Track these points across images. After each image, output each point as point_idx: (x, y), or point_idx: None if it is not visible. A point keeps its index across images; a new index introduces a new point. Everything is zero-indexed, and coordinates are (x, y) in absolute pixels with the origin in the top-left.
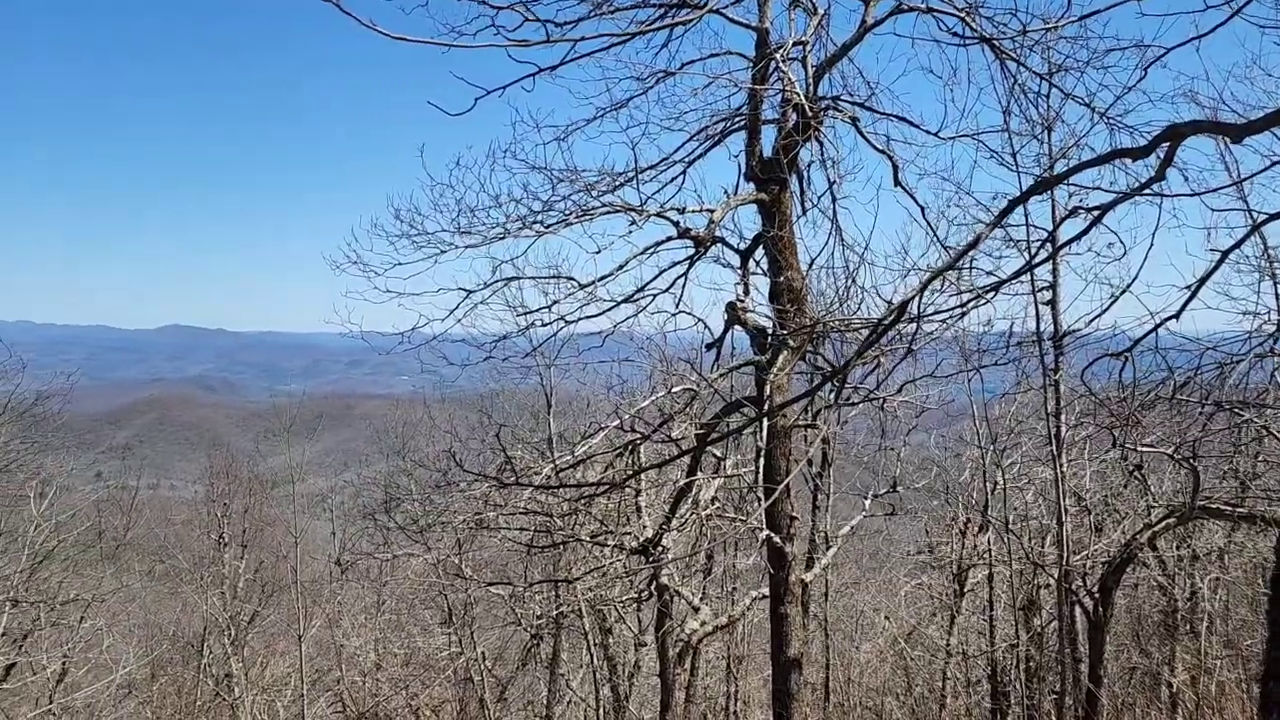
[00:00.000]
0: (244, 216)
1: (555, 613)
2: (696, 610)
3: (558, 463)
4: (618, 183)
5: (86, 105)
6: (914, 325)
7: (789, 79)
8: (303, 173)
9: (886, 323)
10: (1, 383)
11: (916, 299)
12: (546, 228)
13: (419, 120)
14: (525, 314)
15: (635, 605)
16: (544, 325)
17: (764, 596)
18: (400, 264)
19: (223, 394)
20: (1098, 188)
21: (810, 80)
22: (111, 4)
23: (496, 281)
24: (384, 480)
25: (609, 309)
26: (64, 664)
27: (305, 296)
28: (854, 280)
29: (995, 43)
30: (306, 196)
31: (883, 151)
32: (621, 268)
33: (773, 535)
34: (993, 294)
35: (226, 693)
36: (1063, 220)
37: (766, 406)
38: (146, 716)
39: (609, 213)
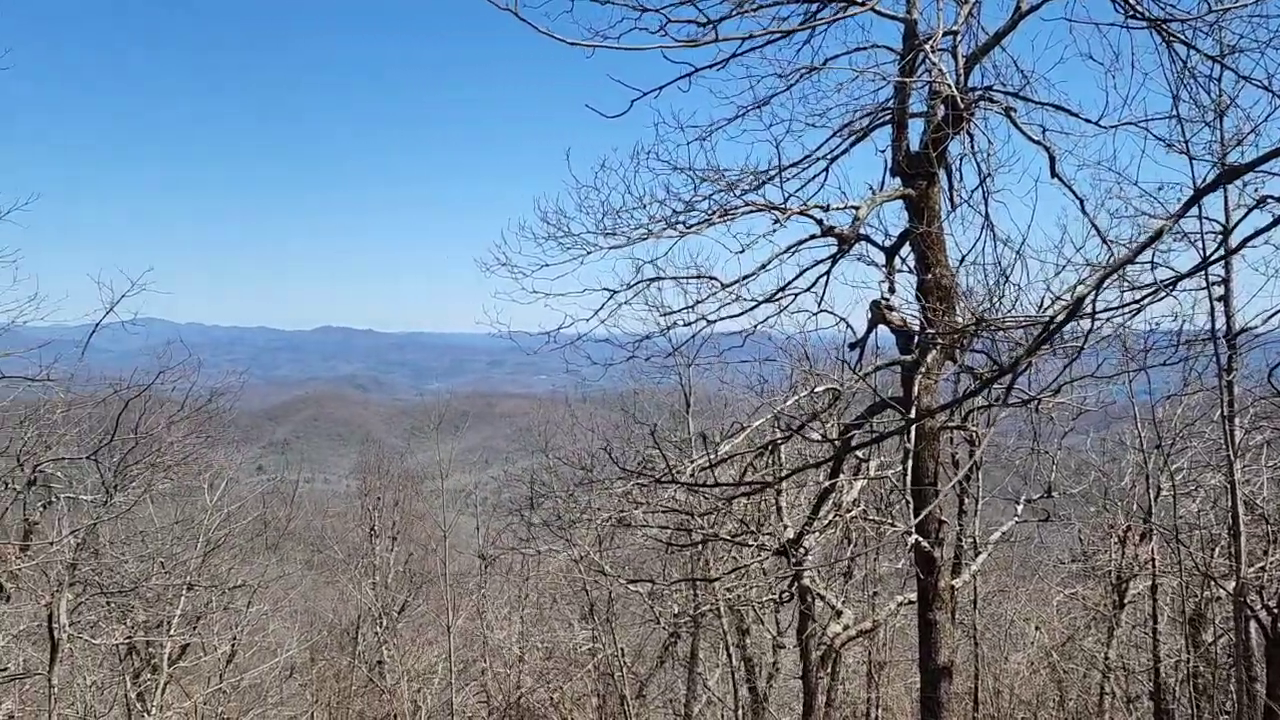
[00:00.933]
0: (392, 222)
1: (694, 611)
2: (839, 614)
3: (699, 462)
4: (760, 181)
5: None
6: (1087, 323)
7: (938, 70)
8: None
9: (1059, 320)
10: (181, 381)
11: (1091, 295)
12: (689, 228)
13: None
14: (667, 314)
15: (774, 606)
16: (685, 325)
17: (910, 602)
18: (547, 265)
19: (372, 392)
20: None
21: (961, 71)
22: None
23: (639, 282)
24: (527, 477)
25: (750, 308)
26: (233, 646)
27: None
28: (1007, 277)
29: (1163, 25)
30: (450, 200)
31: (1038, 142)
32: (763, 267)
33: (921, 540)
34: (1169, 290)
35: (379, 679)
36: (1249, 212)
37: (915, 408)
38: (306, 699)
39: (751, 212)
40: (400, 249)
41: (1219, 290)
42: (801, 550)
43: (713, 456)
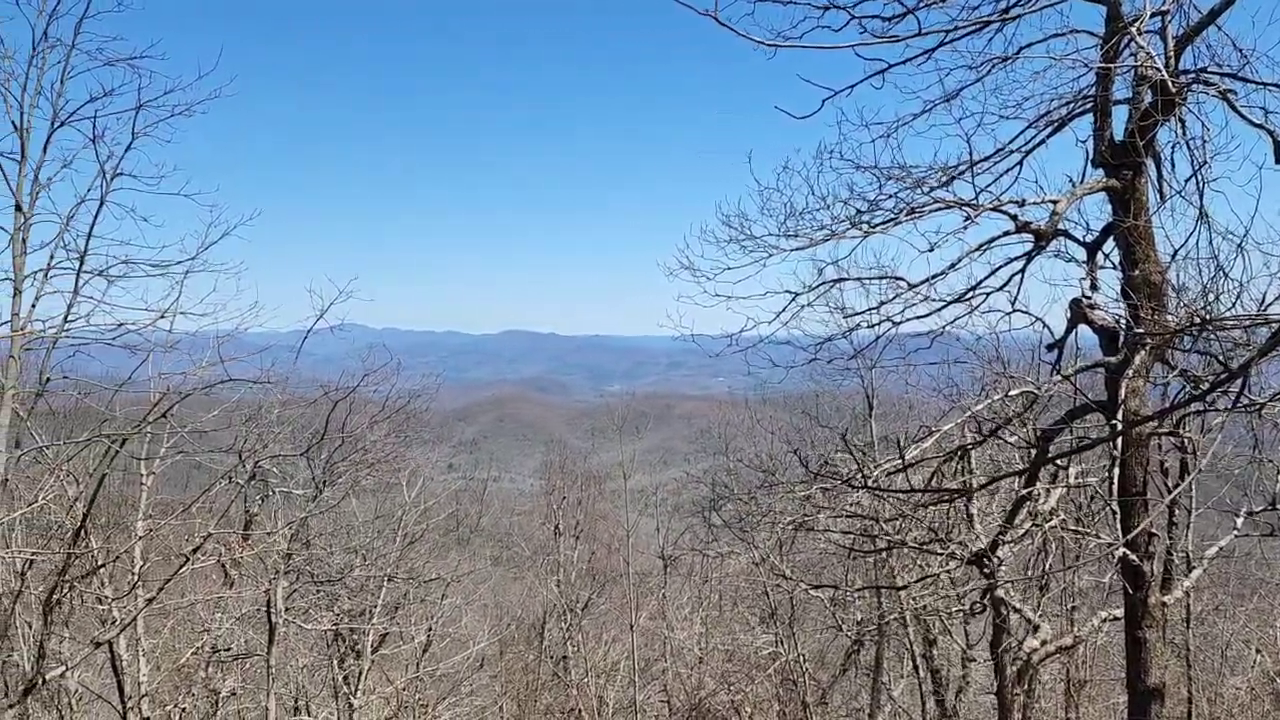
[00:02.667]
0: (575, 228)
1: (879, 620)
2: (1036, 628)
3: (885, 466)
4: (949, 176)
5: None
6: None
7: (1145, 54)
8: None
9: None
10: (382, 384)
11: None
12: (873, 227)
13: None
14: (850, 315)
15: (964, 618)
16: (869, 327)
17: (1115, 618)
18: (729, 268)
19: (554, 394)
20: None
21: (1171, 53)
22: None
23: (822, 283)
24: (707, 478)
25: (939, 309)
26: (429, 636)
27: (629, 302)
28: (1225, 272)
29: None
30: (631, 205)
31: (1260, 126)
32: (953, 266)
33: (1129, 553)
34: None
35: (563, 673)
36: None
37: (1123, 413)
38: (495, 690)
39: (940, 209)
40: (582, 253)
41: None
42: (995, 560)
43: (900, 461)
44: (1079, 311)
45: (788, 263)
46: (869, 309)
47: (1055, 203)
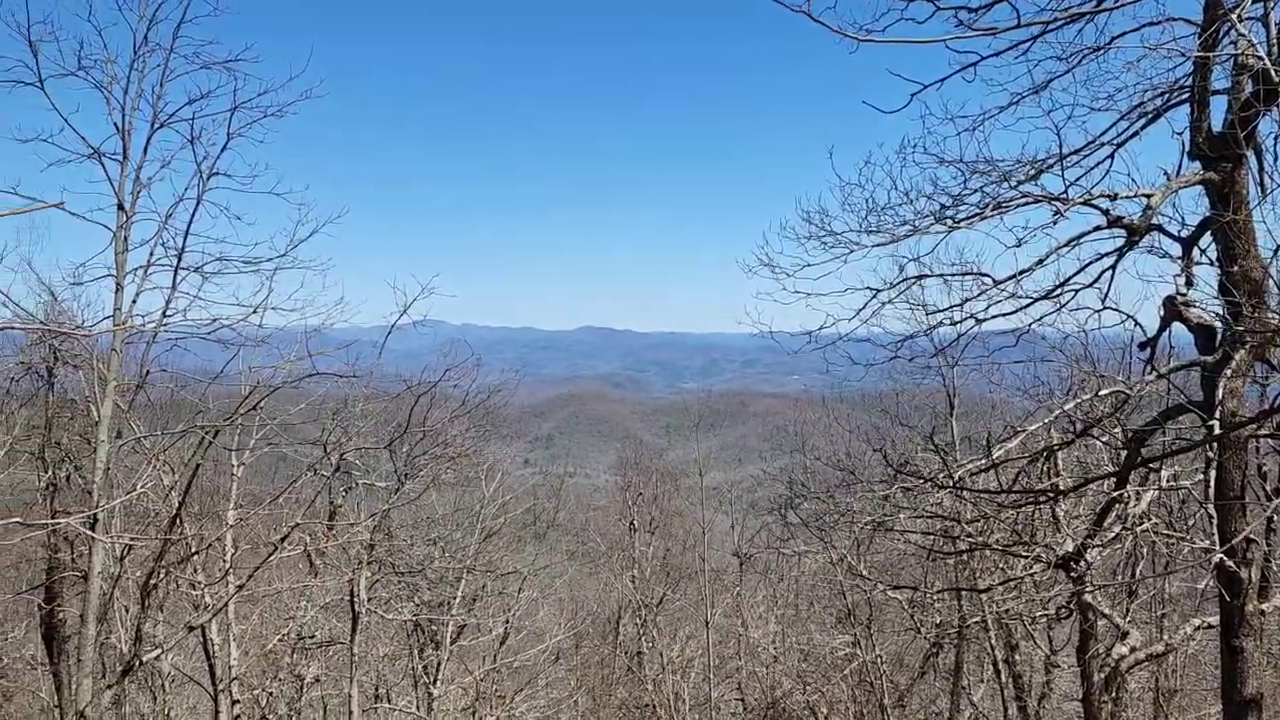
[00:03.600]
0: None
1: (959, 623)
2: (1125, 634)
3: (968, 466)
4: (1037, 170)
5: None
6: None
7: (1246, 42)
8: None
9: None
10: (464, 379)
11: None
12: (958, 222)
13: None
14: (932, 313)
15: (1047, 622)
16: (952, 324)
17: (1209, 626)
18: (808, 265)
19: (629, 390)
20: None
21: (1274, 41)
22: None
23: (903, 280)
24: (784, 476)
25: (1025, 306)
26: (506, 629)
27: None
28: None
29: None
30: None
31: None
32: (1040, 262)
33: (1226, 559)
34: None
35: (638, 669)
36: None
37: (1219, 414)
38: (570, 684)
39: (1027, 203)
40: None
41: None
42: (1084, 564)
43: (985, 461)
44: (1173, 309)
45: (868, 259)
46: (952, 306)
47: (1149, 196)
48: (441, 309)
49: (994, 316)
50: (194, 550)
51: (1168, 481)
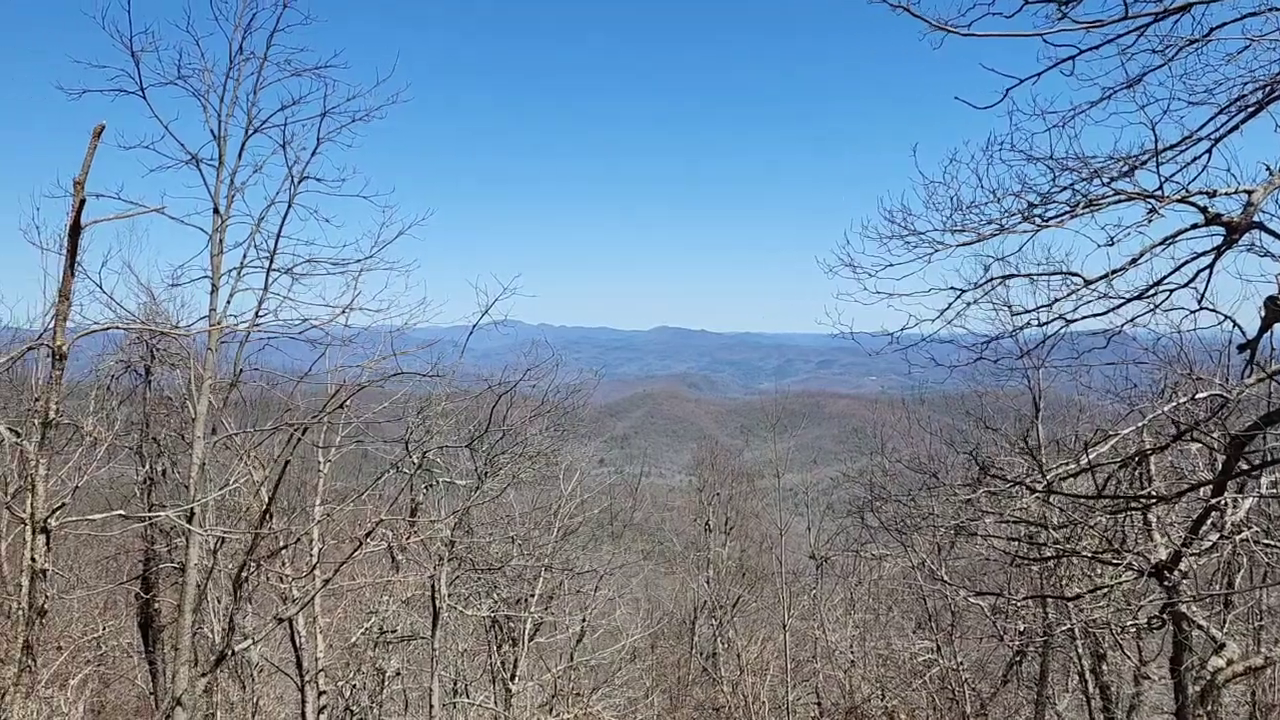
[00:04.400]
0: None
1: (1044, 631)
2: (1221, 646)
3: (1057, 471)
4: (1130, 166)
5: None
6: None
7: None
8: (781, 180)
9: None
10: (544, 379)
11: None
12: (1046, 221)
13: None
14: (1019, 314)
15: (1137, 632)
16: (1039, 325)
17: None
18: (890, 265)
19: (704, 390)
20: None
21: None
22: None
23: (988, 280)
24: (860, 478)
25: (1116, 306)
26: (582, 627)
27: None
28: None
29: None
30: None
31: None
32: (1134, 261)
33: None
34: None
35: (713, 669)
36: None
37: None
38: (646, 683)
39: (1119, 201)
40: (734, 250)
41: None
42: (1178, 574)
43: (1074, 465)
44: (1275, 309)
45: (952, 259)
46: (1040, 306)
47: (1250, 193)
48: (518, 309)
49: (1084, 317)
50: (283, 545)
51: (1268, 488)
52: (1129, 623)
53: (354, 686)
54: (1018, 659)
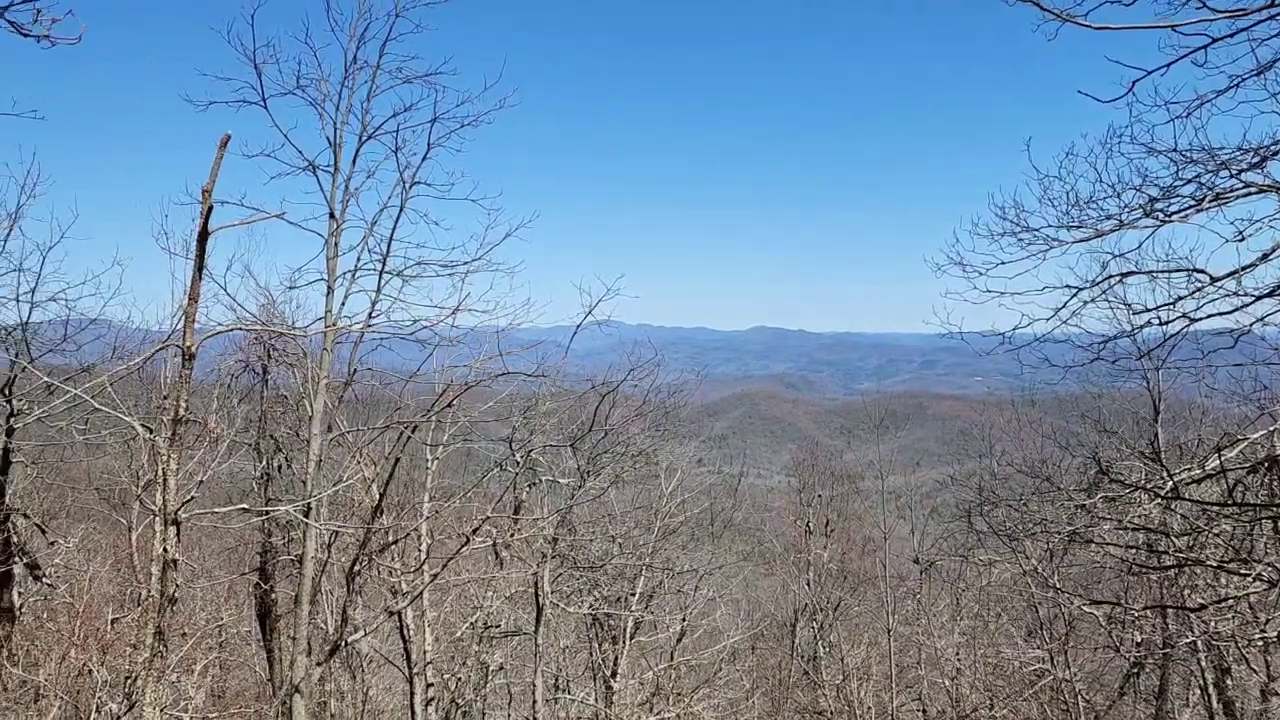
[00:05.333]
0: (825, 224)
1: (1163, 643)
2: None
3: (1180, 476)
4: (1261, 157)
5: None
6: None
7: None
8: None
9: None
10: (646, 379)
11: None
12: (1169, 215)
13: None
14: (1139, 312)
15: (1265, 646)
16: (1160, 324)
17: None
18: (1002, 262)
19: (802, 390)
20: None
21: None
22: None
23: (1106, 278)
24: (971, 481)
25: (1246, 305)
26: (683, 626)
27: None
28: None
29: None
30: (883, 202)
31: None
32: (1265, 257)
33: None
34: None
35: (814, 672)
36: None
37: None
38: (746, 685)
39: (1250, 193)
40: (833, 250)
41: None
42: None
43: (1200, 470)
44: None
45: (1066, 256)
46: (1161, 305)
47: None
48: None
49: (1209, 316)
50: (393, 540)
51: None
52: (1256, 636)
53: (459, 679)
54: (1135, 671)
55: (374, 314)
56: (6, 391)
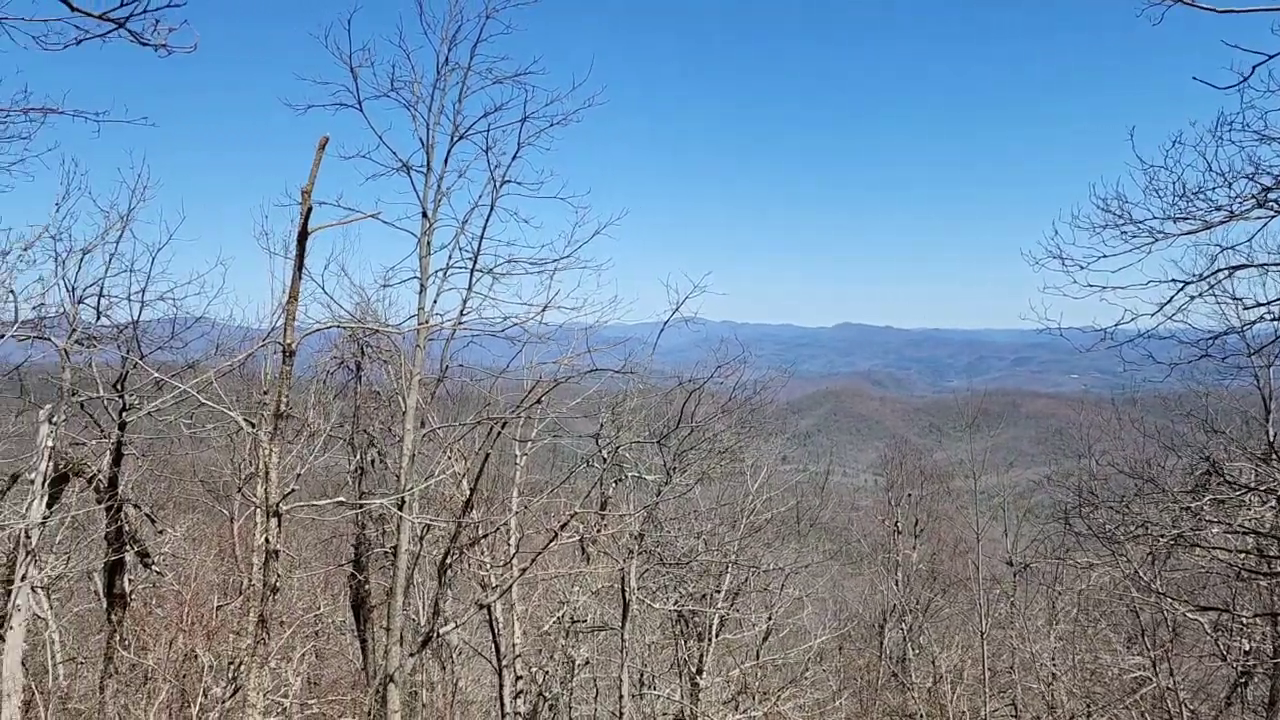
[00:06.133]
0: (910, 219)
1: (1274, 651)
2: None
3: None
4: None
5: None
6: None
7: None
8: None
9: None
10: (732, 376)
11: None
12: None
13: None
14: (1251, 307)
15: None
16: (1273, 319)
17: None
18: (1104, 256)
19: (889, 388)
20: None
21: None
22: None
23: (1216, 271)
24: (1069, 481)
25: None
26: (768, 625)
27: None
28: None
29: None
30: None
31: None
32: None
33: None
34: None
35: (903, 674)
36: None
37: None
38: (832, 686)
39: None
40: (921, 245)
41: None
42: None
43: None
44: None
45: (1172, 249)
46: (1273, 300)
47: None
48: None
49: None
50: (483, 534)
51: None
52: None
53: (546, 673)
54: (1244, 681)
55: (465, 311)
56: (119, 387)
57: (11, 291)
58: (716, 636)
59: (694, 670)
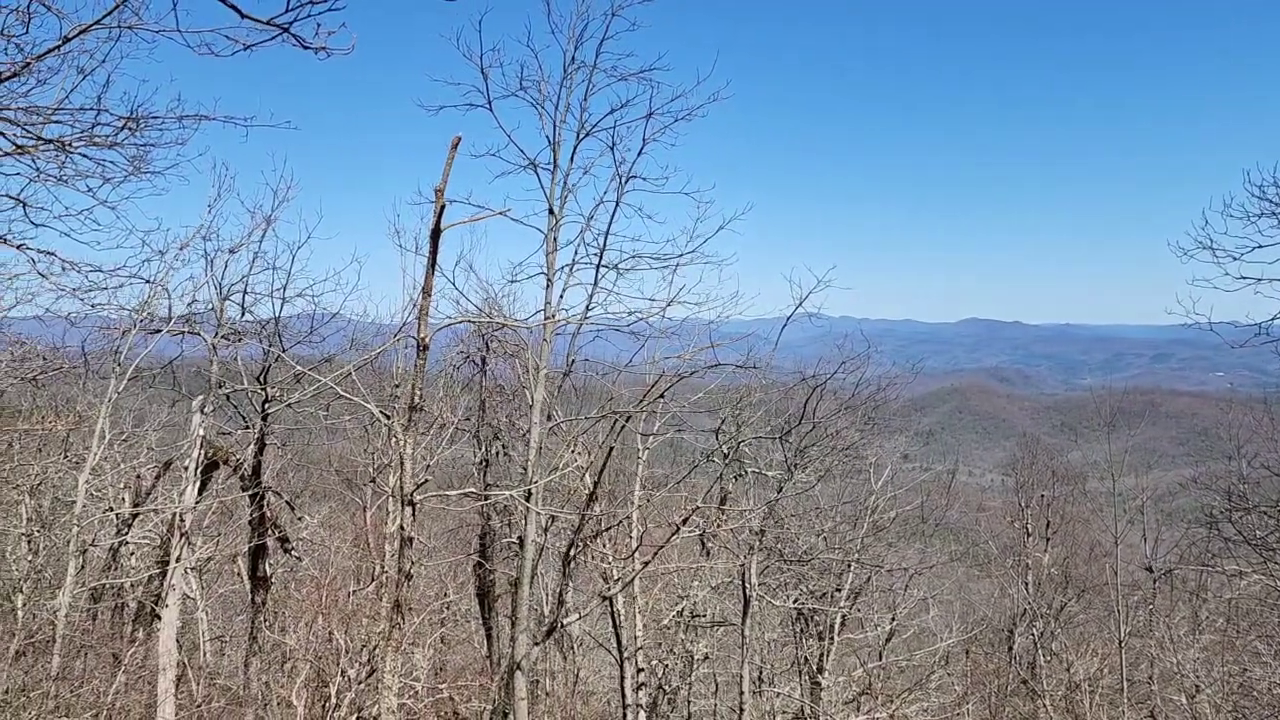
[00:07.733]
0: (1039, 212)
1: None
2: None
3: None
4: None
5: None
6: None
7: None
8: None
9: None
10: (855, 372)
11: None
12: None
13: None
14: None
15: None
16: None
17: None
18: (1260, 246)
19: (1017, 385)
20: None
21: None
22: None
23: None
24: (1217, 484)
25: None
26: (891, 626)
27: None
28: None
29: None
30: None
31: None
32: None
33: None
34: None
35: (1033, 681)
36: None
37: None
38: (958, 691)
39: None
40: (1051, 237)
41: None
42: None
43: None
44: None
45: None
46: None
47: None
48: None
49: None
50: (606, 526)
51: None
52: None
53: (665, 666)
54: None
55: (590, 306)
56: (262, 380)
57: (166, 290)
58: (838, 636)
59: (814, 669)
